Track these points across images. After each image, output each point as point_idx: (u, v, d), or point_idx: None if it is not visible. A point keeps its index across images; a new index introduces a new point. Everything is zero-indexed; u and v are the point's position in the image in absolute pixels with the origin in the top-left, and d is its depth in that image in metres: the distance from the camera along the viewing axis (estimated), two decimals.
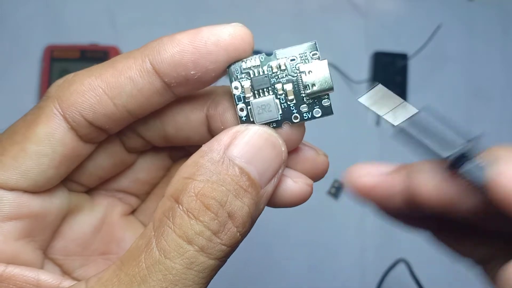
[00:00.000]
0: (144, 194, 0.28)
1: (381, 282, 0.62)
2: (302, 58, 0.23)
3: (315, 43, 0.23)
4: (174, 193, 0.20)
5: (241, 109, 0.22)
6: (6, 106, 0.68)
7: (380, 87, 0.23)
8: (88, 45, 0.69)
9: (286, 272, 0.65)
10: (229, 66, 0.22)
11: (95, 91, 0.21)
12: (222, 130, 0.22)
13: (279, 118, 0.22)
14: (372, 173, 0.24)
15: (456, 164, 0.21)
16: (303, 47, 0.23)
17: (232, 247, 0.20)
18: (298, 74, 0.22)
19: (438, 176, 0.22)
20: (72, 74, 0.22)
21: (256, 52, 0.23)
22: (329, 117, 0.23)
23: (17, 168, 0.21)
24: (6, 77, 0.69)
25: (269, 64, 0.22)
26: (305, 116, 0.23)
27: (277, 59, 0.22)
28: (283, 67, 0.22)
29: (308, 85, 0.22)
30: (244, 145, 0.21)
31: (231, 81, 0.22)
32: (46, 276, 0.21)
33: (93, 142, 0.23)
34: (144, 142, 0.25)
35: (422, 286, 0.58)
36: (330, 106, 0.23)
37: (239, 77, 0.22)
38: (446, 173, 0.22)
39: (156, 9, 0.72)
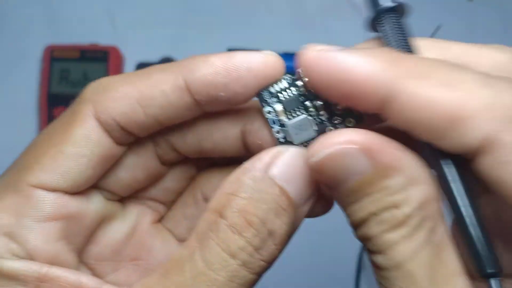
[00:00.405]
0: (170, 202, 0.29)
1: None
2: None
3: None
4: (218, 207, 0.21)
5: (278, 132, 0.23)
6: (6, 106, 0.68)
7: None
8: (88, 45, 0.69)
9: (285, 271, 0.65)
10: (259, 91, 0.23)
11: (128, 99, 0.23)
12: (259, 144, 0.24)
13: (316, 135, 0.23)
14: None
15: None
16: None
17: (270, 263, 0.21)
18: None
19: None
20: (106, 79, 0.24)
21: None
22: None
23: (57, 169, 0.22)
24: (6, 77, 0.69)
25: (296, 84, 0.23)
26: (339, 128, 0.23)
27: (303, 77, 0.23)
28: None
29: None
30: (284, 166, 0.21)
31: (263, 106, 0.23)
32: (86, 279, 0.22)
33: (124, 144, 0.24)
34: (179, 155, 0.26)
35: None
36: (361, 114, 0.23)
37: (270, 102, 0.23)
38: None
39: (156, 9, 0.72)
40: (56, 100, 0.67)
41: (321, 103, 0.23)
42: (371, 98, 0.19)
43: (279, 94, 0.23)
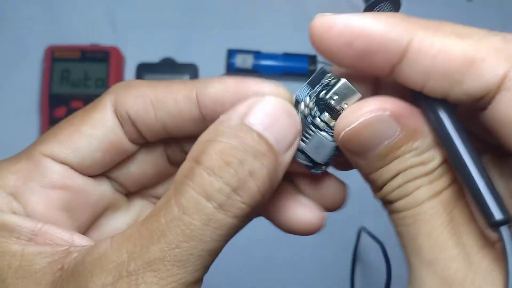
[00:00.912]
0: None
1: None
2: (320, 86, 0.23)
3: (323, 67, 0.24)
4: (195, 155, 0.21)
5: (301, 158, 0.24)
6: (7, 107, 0.69)
7: None
8: (88, 46, 0.69)
9: (285, 271, 0.65)
10: None
11: (145, 98, 0.24)
12: None
13: (334, 144, 0.23)
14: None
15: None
16: (315, 77, 0.23)
17: (252, 207, 0.21)
18: (327, 101, 0.23)
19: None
20: (133, 80, 0.26)
21: (256, 53, 0.23)
22: None
23: (69, 144, 0.24)
24: (8, 78, 0.69)
25: (298, 108, 0.23)
26: None
27: (301, 101, 0.23)
28: (310, 105, 0.23)
29: (340, 106, 0.23)
30: (260, 113, 0.22)
31: None
32: (80, 238, 0.23)
33: (135, 143, 0.26)
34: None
35: None
36: None
37: None
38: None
39: (156, 9, 0.72)
40: (57, 100, 0.67)
41: (328, 115, 0.23)
42: (387, 52, 0.20)
43: None
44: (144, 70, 0.69)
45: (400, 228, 0.21)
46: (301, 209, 0.25)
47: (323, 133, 0.23)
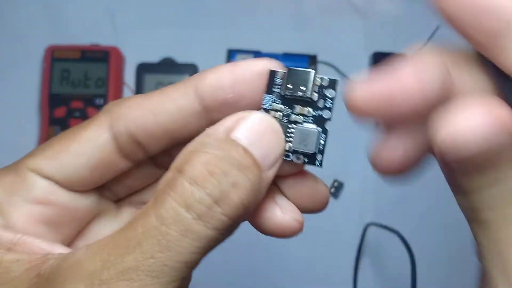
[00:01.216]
0: None
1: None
2: (277, 87, 0.24)
3: (270, 71, 0.24)
4: (178, 164, 0.21)
5: (297, 158, 0.24)
6: (7, 106, 0.69)
7: None
8: (88, 46, 0.69)
9: (285, 270, 0.65)
10: None
11: (141, 106, 0.24)
12: None
13: (320, 129, 0.24)
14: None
15: None
16: (269, 84, 0.24)
17: (234, 221, 0.20)
18: (289, 96, 0.23)
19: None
20: (128, 97, 0.25)
21: (256, 53, 0.23)
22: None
23: (56, 161, 0.24)
24: (7, 78, 0.69)
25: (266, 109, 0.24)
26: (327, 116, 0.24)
27: (270, 110, 0.24)
28: (279, 108, 0.24)
29: (300, 92, 0.23)
30: (247, 129, 0.22)
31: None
32: (60, 248, 0.23)
33: (130, 159, 0.25)
34: None
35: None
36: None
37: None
38: None
39: (156, 9, 0.72)
40: (57, 100, 0.67)
41: (298, 106, 0.23)
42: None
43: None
44: (144, 70, 0.69)
45: (483, 239, 0.18)
46: (279, 211, 0.25)
47: (304, 124, 0.23)
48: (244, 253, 0.63)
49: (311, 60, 0.69)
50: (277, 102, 0.23)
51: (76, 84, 0.67)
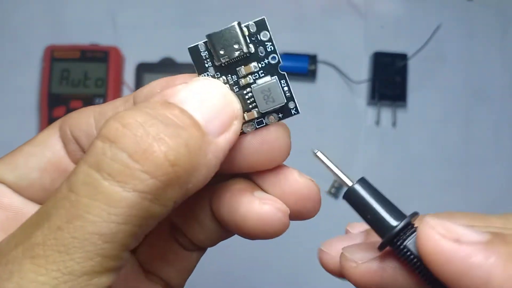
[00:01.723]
0: None
1: None
2: (210, 59, 0.22)
3: (190, 48, 0.22)
4: (98, 130, 0.18)
5: (272, 118, 0.22)
6: (7, 106, 0.68)
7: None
8: (88, 45, 0.69)
9: (285, 270, 0.65)
10: None
11: (88, 113, 0.24)
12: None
13: (274, 78, 0.21)
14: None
15: (396, 238, 0.20)
16: (198, 62, 0.22)
17: (162, 182, 0.17)
18: (226, 61, 0.21)
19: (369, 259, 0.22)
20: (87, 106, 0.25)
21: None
22: (329, 117, 0.23)
23: (9, 163, 0.23)
24: (7, 77, 0.69)
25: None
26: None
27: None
28: (223, 78, 0.22)
29: (237, 52, 0.21)
30: (187, 93, 0.20)
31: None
32: None
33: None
34: None
35: None
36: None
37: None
38: (379, 252, 0.21)
39: (156, 9, 0.72)
40: (57, 100, 0.67)
41: (242, 67, 0.21)
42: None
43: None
44: (144, 70, 0.69)
45: None
46: (257, 202, 0.22)
47: (258, 81, 0.21)
48: (242, 255, 0.63)
49: (311, 60, 0.69)
50: (217, 75, 0.21)
51: (75, 84, 0.67)
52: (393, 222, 0.21)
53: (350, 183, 0.22)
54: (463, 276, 0.17)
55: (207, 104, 0.20)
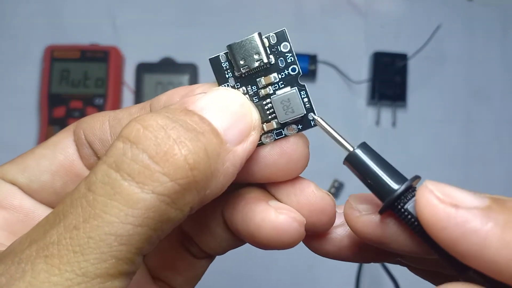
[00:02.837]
0: None
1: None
2: (229, 71, 0.22)
3: (211, 60, 0.22)
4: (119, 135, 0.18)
5: (293, 128, 0.22)
6: (7, 106, 0.68)
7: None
8: (88, 45, 0.69)
9: (285, 270, 0.65)
10: None
11: (103, 118, 0.23)
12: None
13: (294, 89, 0.21)
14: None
15: (397, 201, 0.20)
16: (218, 73, 0.22)
17: (180, 185, 0.17)
18: (246, 72, 0.22)
19: (372, 218, 0.21)
20: (102, 111, 0.25)
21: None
22: (329, 117, 0.23)
23: (20, 164, 0.23)
24: (7, 77, 0.69)
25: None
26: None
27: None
28: (243, 89, 0.22)
29: (256, 62, 0.21)
30: (207, 102, 0.20)
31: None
32: None
33: (90, 168, 0.24)
34: None
35: None
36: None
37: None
38: (381, 213, 0.21)
39: (156, 9, 0.72)
40: (57, 100, 0.67)
41: (262, 79, 0.21)
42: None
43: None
44: (144, 70, 0.69)
45: None
46: (273, 212, 0.22)
47: (278, 92, 0.21)
48: (243, 256, 0.63)
49: (311, 60, 0.69)
50: (237, 86, 0.22)
51: (75, 84, 0.67)
52: (394, 185, 0.20)
53: (351, 148, 0.22)
54: (460, 241, 0.17)
55: (225, 113, 0.20)
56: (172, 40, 0.71)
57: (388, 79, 0.69)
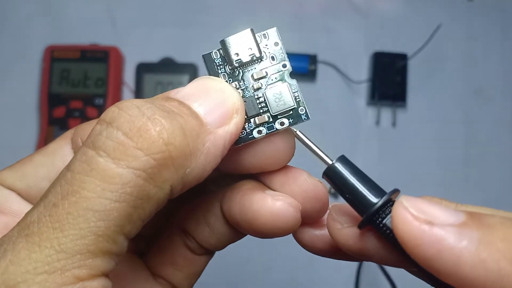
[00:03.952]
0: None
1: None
2: (222, 66, 0.23)
3: (204, 56, 0.23)
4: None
5: (287, 122, 0.23)
6: (6, 106, 0.68)
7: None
8: (88, 45, 0.69)
9: (285, 270, 0.65)
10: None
11: None
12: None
13: (285, 84, 0.22)
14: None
15: (375, 216, 0.20)
16: (211, 68, 0.23)
17: (156, 159, 0.17)
18: (237, 67, 0.22)
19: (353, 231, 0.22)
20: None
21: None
22: (329, 117, 0.23)
23: (19, 171, 0.23)
24: (7, 77, 0.69)
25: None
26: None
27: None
28: (234, 84, 0.22)
29: (246, 56, 0.22)
30: (188, 89, 0.20)
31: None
32: None
33: None
34: None
35: None
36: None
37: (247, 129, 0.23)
38: (359, 228, 0.21)
39: (156, 9, 0.72)
40: (57, 100, 0.67)
41: (252, 72, 0.22)
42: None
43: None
44: (144, 70, 0.69)
45: None
46: (270, 199, 0.22)
47: (268, 86, 0.22)
48: (243, 256, 0.63)
49: (311, 60, 0.69)
50: (229, 81, 0.22)
51: (75, 84, 0.67)
52: (373, 199, 0.20)
53: (330, 162, 0.22)
54: (435, 259, 0.17)
55: (206, 98, 0.20)
56: (172, 40, 0.71)
57: (388, 79, 0.69)
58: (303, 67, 0.68)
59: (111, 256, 0.17)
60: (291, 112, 0.22)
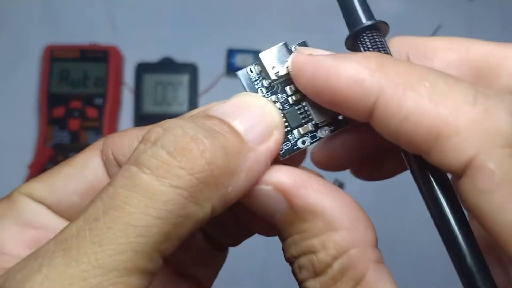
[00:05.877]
0: None
1: None
2: (259, 79, 0.23)
3: (238, 73, 0.23)
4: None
5: (329, 130, 0.23)
6: (6, 106, 0.68)
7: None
8: (88, 45, 0.69)
9: (284, 269, 0.65)
10: None
11: (131, 136, 0.23)
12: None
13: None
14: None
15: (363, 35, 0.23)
16: (247, 82, 0.22)
17: (198, 179, 0.17)
18: (278, 83, 0.22)
19: None
20: (128, 128, 0.25)
21: (256, 53, 0.23)
22: None
23: (48, 184, 0.23)
24: (6, 77, 0.69)
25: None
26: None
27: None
28: (273, 98, 0.22)
29: (284, 70, 0.22)
30: (227, 106, 0.20)
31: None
32: None
33: None
34: None
35: None
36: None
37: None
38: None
39: (156, 9, 0.72)
40: (56, 100, 0.67)
41: (290, 87, 0.22)
42: (357, 105, 0.19)
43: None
44: (144, 70, 0.69)
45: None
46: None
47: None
48: (243, 255, 0.63)
49: None
50: (267, 95, 0.22)
51: (75, 84, 0.67)
52: (363, 19, 0.23)
53: None
54: (313, 81, 0.19)
55: (246, 115, 0.20)
56: (172, 40, 0.71)
57: None
58: None
59: (146, 274, 0.17)
60: (331, 119, 0.23)
